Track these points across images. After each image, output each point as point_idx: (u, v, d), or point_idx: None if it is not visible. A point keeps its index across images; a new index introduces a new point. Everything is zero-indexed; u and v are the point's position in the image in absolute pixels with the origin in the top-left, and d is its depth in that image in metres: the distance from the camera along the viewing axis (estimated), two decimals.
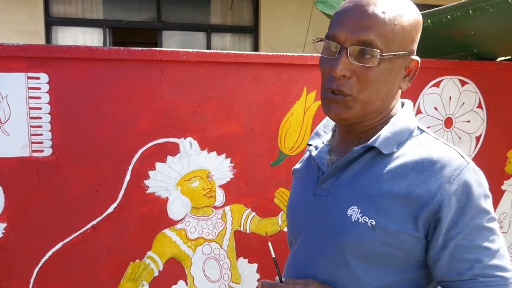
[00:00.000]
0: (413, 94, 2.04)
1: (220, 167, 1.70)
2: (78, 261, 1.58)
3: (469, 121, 2.19)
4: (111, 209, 1.59)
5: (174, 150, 1.64)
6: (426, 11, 1.94)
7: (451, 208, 0.80)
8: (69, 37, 5.56)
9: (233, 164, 1.72)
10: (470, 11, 1.71)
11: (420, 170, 0.83)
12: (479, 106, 2.20)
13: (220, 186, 1.71)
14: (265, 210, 1.81)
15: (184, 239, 1.68)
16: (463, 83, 2.14)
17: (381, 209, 0.83)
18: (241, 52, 1.68)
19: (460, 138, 2.18)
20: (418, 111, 2.06)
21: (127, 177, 1.59)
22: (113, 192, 1.59)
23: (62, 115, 1.52)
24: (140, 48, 1.58)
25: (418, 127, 0.91)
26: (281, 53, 1.73)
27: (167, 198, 1.65)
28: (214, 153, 1.69)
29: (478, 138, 2.23)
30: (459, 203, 0.80)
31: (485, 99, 2.19)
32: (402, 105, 0.95)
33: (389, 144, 0.87)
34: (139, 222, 1.63)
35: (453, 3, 1.81)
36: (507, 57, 2.24)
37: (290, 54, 1.75)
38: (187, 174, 1.66)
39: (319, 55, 0.92)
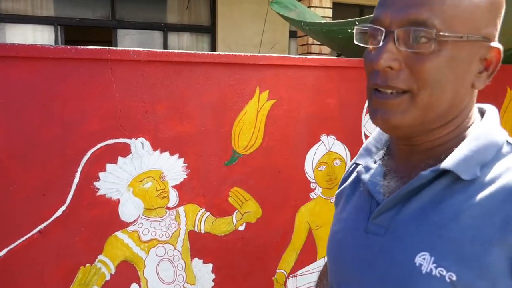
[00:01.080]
0: (363, 94, 2.10)
1: (173, 168, 1.68)
2: (24, 268, 1.52)
3: None
4: (59, 212, 1.55)
5: (125, 150, 1.61)
6: (366, 16, 2.01)
7: None
8: (19, 34, 5.34)
9: (186, 164, 1.71)
10: None
11: (506, 202, 0.60)
12: None
13: (173, 187, 1.70)
14: (219, 210, 1.81)
15: (136, 241, 1.65)
16: None
17: (464, 258, 0.60)
18: (193, 52, 1.67)
19: None
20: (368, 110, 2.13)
21: (76, 179, 1.55)
22: (61, 195, 1.55)
23: (6, 116, 1.46)
24: (88, 47, 1.54)
25: (508, 141, 0.68)
26: (233, 53, 1.74)
27: (118, 200, 1.62)
28: (167, 153, 1.67)
29: None
30: None
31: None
32: (482, 114, 0.73)
33: (470, 167, 0.64)
34: (89, 225, 1.59)
35: None
36: None
37: (243, 53, 1.76)
38: (139, 175, 1.64)
39: (273, 55, 0.83)
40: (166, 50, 1.61)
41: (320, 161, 2.04)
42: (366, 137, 2.14)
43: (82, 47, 1.53)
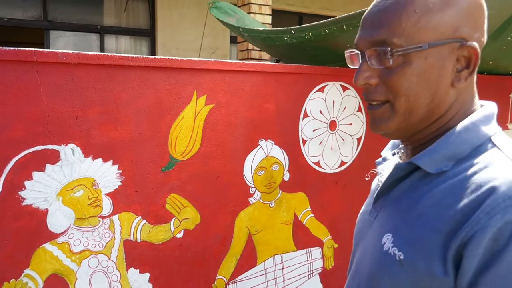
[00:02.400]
0: (300, 99, 2.14)
1: (107, 175, 1.62)
2: None
3: (351, 124, 2.36)
4: None
5: (54, 158, 1.53)
6: (308, 24, 2.06)
7: (482, 248, 0.60)
8: None
9: (120, 171, 1.65)
10: (344, 27, 1.85)
11: (462, 195, 0.64)
12: (359, 109, 2.38)
13: (107, 195, 1.64)
14: (156, 217, 1.76)
15: (67, 253, 1.57)
16: (344, 89, 2.30)
17: (413, 241, 0.67)
18: (127, 55, 1.62)
19: (343, 140, 2.34)
20: (305, 115, 2.17)
21: None
22: None
23: None
24: (12, 48, 1.45)
25: (491, 140, 0.70)
26: (169, 57, 1.71)
27: (46, 210, 1.53)
28: (100, 160, 1.61)
29: (359, 140, 2.41)
30: (496, 244, 0.59)
31: (364, 103, 2.38)
32: None
33: (436, 161, 0.70)
34: (15, 237, 1.49)
35: (330, 19, 1.94)
36: None
37: (179, 58, 1.74)
38: (69, 183, 1.56)
39: (211, 59, 0.86)
40: (98, 53, 1.55)
41: (258, 166, 2.05)
42: (304, 141, 2.18)
43: (6, 48, 1.44)
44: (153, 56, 1.68)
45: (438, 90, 0.71)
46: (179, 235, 1.83)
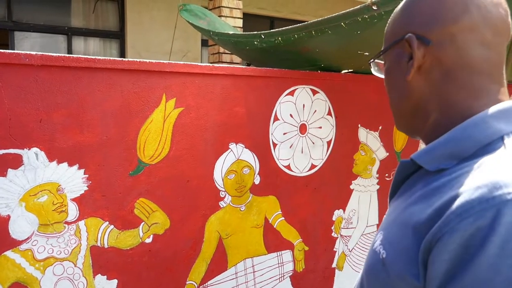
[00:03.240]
0: (270, 102, 2.15)
1: (72, 179, 1.58)
2: None
3: (321, 127, 2.38)
4: None
5: (16, 162, 1.48)
6: (278, 29, 2.07)
7: (448, 253, 0.54)
8: None
9: (87, 176, 1.62)
10: (313, 32, 1.87)
11: (444, 193, 0.60)
12: (329, 113, 2.41)
13: (73, 200, 1.60)
14: (124, 222, 1.73)
15: (30, 261, 1.52)
16: (314, 92, 2.32)
17: (394, 239, 0.65)
18: (93, 57, 1.59)
19: (313, 143, 2.36)
20: (276, 118, 2.18)
21: None
22: None
23: None
24: None
25: (503, 138, 0.62)
26: (138, 59, 1.69)
27: (8, 216, 1.48)
28: (65, 164, 1.57)
29: (329, 143, 2.44)
30: (466, 252, 0.53)
31: (333, 106, 2.41)
32: None
33: (435, 159, 0.66)
34: None
35: (298, 25, 1.96)
36: (350, 70, 2.49)
37: (148, 60, 1.72)
38: (33, 188, 1.51)
39: (180, 62, 0.86)
40: (62, 55, 1.52)
41: (229, 170, 2.04)
42: (274, 144, 2.19)
43: None
44: (120, 59, 1.65)
45: (397, 84, 0.75)
46: (148, 240, 1.80)
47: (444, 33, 0.67)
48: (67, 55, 1.53)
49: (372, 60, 0.80)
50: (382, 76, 0.80)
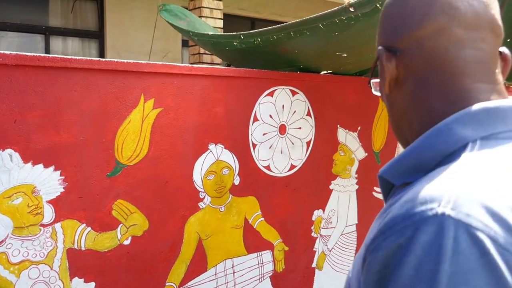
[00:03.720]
0: (249, 103, 2.16)
1: (48, 181, 1.56)
2: None
3: (300, 128, 2.40)
4: None
5: None
6: (257, 30, 2.08)
7: (370, 277, 0.52)
8: None
9: (63, 177, 1.59)
10: (292, 33, 1.88)
11: (387, 209, 0.57)
12: (308, 114, 2.43)
13: (49, 202, 1.57)
14: (102, 224, 1.71)
15: (4, 264, 1.49)
16: (294, 93, 2.34)
17: (355, 263, 0.61)
18: (69, 57, 1.57)
19: (293, 143, 2.37)
20: (255, 119, 2.18)
21: None
22: None
23: None
24: None
25: (468, 144, 0.56)
26: (115, 60, 1.67)
27: None
28: (41, 165, 1.54)
29: (308, 144, 2.45)
30: (386, 270, 0.50)
31: (313, 107, 2.42)
32: None
33: (400, 172, 0.61)
34: None
35: (277, 26, 1.98)
36: (329, 71, 2.51)
37: (125, 60, 1.70)
38: (7, 191, 1.48)
39: (159, 62, 0.84)
40: (38, 54, 1.49)
41: (208, 170, 2.04)
42: (254, 145, 2.20)
43: None
44: (98, 59, 1.64)
45: (385, 99, 0.71)
46: (126, 242, 1.78)
47: (410, 40, 0.64)
48: (43, 54, 1.51)
49: (368, 82, 0.76)
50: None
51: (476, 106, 0.58)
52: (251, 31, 2.10)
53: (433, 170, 0.56)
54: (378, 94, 0.76)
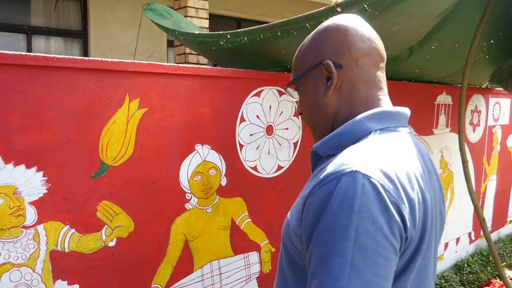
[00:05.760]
0: (236, 103, 2.14)
1: (30, 182, 1.52)
2: None
3: (287, 129, 2.40)
4: None
5: None
6: (244, 29, 2.07)
7: (312, 211, 0.76)
8: None
9: (46, 178, 1.56)
10: (279, 33, 1.88)
11: (319, 172, 0.84)
12: (295, 114, 2.42)
13: (31, 203, 1.53)
14: (86, 226, 1.68)
15: None
16: (281, 93, 2.33)
17: (294, 208, 0.88)
18: (51, 55, 1.53)
19: (280, 144, 2.37)
20: (242, 119, 2.17)
21: None
22: None
23: None
24: None
25: (371, 133, 0.86)
26: (99, 58, 1.64)
27: None
28: (22, 166, 1.50)
29: (295, 144, 2.45)
30: (319, 208, 0.75)
31: None
32: None
33: (325, 148, 0.91)
34: None
35: (264, 25, 1.97)
36: None
37: (110, 59, 1.67)
38: None
39: (144, 61, 0.91)
40: (19, 53, 1.46)
41: (195, 171, 2.02)
42: (241, 146, 2.18)
43: None
44: (81, 57, 1.61)
45: (317, 101, 0.94)
46: (112, 244, 1.75)
47: (352, 58, 0.90)
48: (24, 53, 1.47)
49: (286, 86, 1.00)
50: (294, 99, 1.01)
51: (377, 109, 0.90)
52: (237, 30, 2.08)
53: (349, 147, 0.84)
54: (294, 99, 1.01)
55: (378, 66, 0.94)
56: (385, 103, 0.92)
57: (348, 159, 0.77)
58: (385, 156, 0.80)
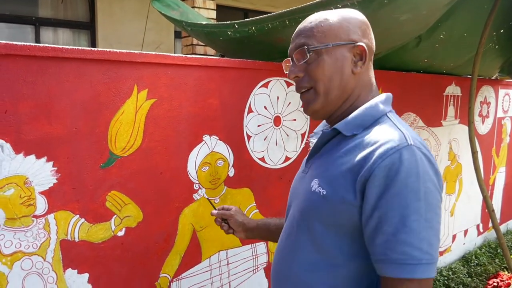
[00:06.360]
0: (244, 94, 2.14)
1: (40, 172, 1.54)
2: None
3: (295, 120, 2.39)
4: None
5: None
6: (251, 18, 2.06)
7: (379, 181, 0.88)
8: None
9: (56, 168, 1.57)
10: (287, 22, 1.86)
11: (364, 147, 0.94)
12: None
13: (41, 193, 1.55)
14: (96, 216, 1.70)
15: None
16: (288, 84, 2.32)
17: (332, 181, 0.97)
18: (60, 46, 1.54)
19: (288, 135, 2.37)
20: (250, 110, 2.17)
21: None
22: None
23: None
24: None
25: (387, 115, 1.03)
26: (107, 49, 1.65)
27: None
28: (32, 156, 1.52)
29: (303, 135, 2.45)
30: (387, 177, 0.87)
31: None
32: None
33: (349, 127, 1.01)
34: None
35: (272, 14, 1.95)
36: None
37: (118, 50, 1.68)
38: None
39: (152, 52, 0.95)
40: (28, 44, 1.46)
41: (203, 162, 2.03)
42: (249, 137, 2.19)
43: None
44: (89, 48, 1.61)
45: (343, 75, 1.03)
46: (120, 234, 1.77)
47: (367, 43, 1.06)
48: (33, 44, 1.48)
49: (311, 48, 1.04)
50: (300, 62, 1.06)
51: (386, 95, 1.08)
52: (245, 19, 2.07)
53: (370, 127, 1.01)
54: (300, 62, 1.06)
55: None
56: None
57: (399, 136, 0.93)
58: (412, 132, 0.98)
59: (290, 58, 1.10)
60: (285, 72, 1.12)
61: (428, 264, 0.86)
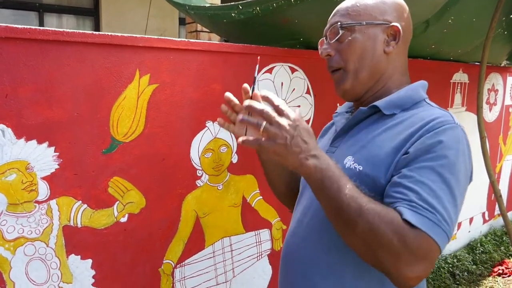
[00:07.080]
0: (247, 80, 2.11)
1: (42, 157, 1.52)
2: None
3: (299, 106, 2.36)
4: None
5: None
6: (248, 0, 2.01)
7: (419, 146, 0.91)
8: None
9: (58, 153, 1.56)
10: (292, 0, 1.82)
11: (410, 126, 0.96)
12: (308, 92, 2.38)
13: (43, 178, 1.54)
14: (98, 201, 1.69)
15: (0, 241, 1.47)
16: (293, 70, 2.29)
17: (369, 158, 0.97)
18: (61, 29, 1.51)
19: None
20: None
21: None
22: None
23: None
24: None
25: (425, 100, 1.06)
26: (109, 33, 1.62)
27: None
28: (34, 141, 1.51)
29: (307, 122, 2.42)
30: (428, 144, 0.90)
31: (312, 85, 2.38)
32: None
33: (390, 106, 1.03)
34: None
35: None
36: None
37: (119, 34, 1.65)
38: (0, 167, 1.45)
39: (154, 37, 0.95)
40: (29, 27, 1.44)
41: (206, 148, 2.01)
42: None
43: None
44: (91, 32, 1.59)
45: (374, 54, 1.05)
46: (123, 220, 1.76)
47: (403, 26, 1.06)
48: (34, 27, 1.45)
49: (345, 25, 1.05)
50: (332, 40, 1.08)
51: (424, 82, 1.11)
52: (249, 0, 2.03)
53: (410, 109, 1.03)
54: (332, 40, 1.08)
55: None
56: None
57: (446, 115, 0.97)
58: (449, 113, 1.00)
59: (323, 38, 1.12)
60: (319, 52, 1.12)
61: (444, 232, 0.84)
